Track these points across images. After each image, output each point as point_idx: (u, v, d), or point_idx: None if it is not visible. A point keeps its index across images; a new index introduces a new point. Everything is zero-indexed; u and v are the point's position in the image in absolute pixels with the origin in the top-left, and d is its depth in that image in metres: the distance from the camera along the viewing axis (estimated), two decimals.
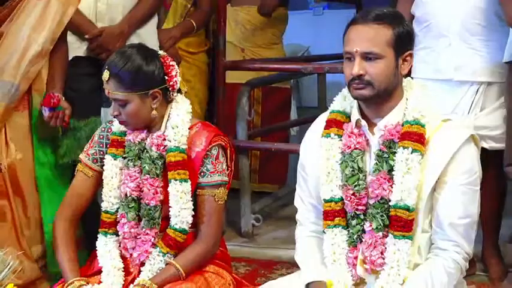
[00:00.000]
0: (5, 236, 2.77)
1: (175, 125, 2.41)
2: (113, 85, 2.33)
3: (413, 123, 2.10)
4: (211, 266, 2.49)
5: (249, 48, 4.73)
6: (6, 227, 2.80)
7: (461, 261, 2.06)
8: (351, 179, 2.14)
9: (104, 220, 2.46)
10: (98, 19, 3.16)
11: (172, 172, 2.38)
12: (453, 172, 2.07)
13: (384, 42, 2.06)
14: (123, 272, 2.41)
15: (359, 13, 2.19)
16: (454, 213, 2.06)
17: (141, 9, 3.21)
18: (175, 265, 2.36)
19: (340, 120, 2.21)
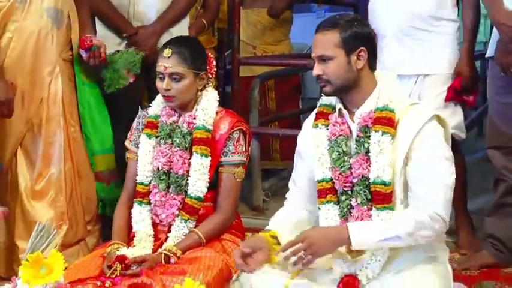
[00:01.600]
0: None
1: (205, 108, 2.48)
2: (174, 60, 2.39)
3: (382, 109, 2.14)
4: (227, 234, 2.53)
5: (259, 45, 4.72)
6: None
7: (426, 218, 2.04)
8: (337, 161, 2.19)
9: (139, 191, 2.50)
10: (135, 19, 3.17)
11: (196, 147, 2.44)
12: (418, 147, 2.10)
13: (332, 45, 2.14)
14: (153, 238, 2.44)
15: (320, 23, 2.24)
16: (422, 181, 2.08)
17: (173, 10, 3.20)
18: (197, 233, 2.41)
19: (326, 112, 2.27)
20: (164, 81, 2.41)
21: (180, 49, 2.40)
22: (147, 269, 2.24)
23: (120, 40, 3.18)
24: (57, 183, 2.85)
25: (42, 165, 2.84)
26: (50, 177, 2.84)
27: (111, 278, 2.22)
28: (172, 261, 2.31)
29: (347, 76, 2.15)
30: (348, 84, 2.16)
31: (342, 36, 2.13)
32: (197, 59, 2.45)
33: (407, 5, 2.98)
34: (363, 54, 2.15)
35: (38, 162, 2.84)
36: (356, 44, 2.14)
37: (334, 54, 2.13)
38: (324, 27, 2.17)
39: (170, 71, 2.39)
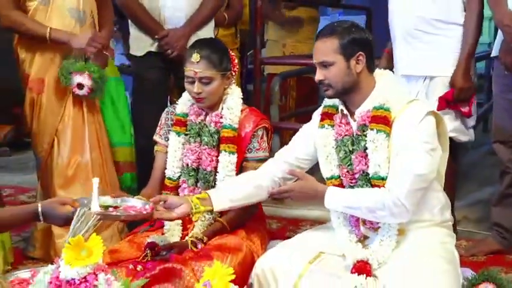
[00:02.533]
0: None
1: (231, 107, 2.46)
2: (203, 65, 2.36)
3: (378, 108, 2.13)
4: (250, 222, 2.52)
5: (289, 43, 4.69)
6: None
7: (388, 200, 2.05)
8: (344, 160, 2.21)
9: (167, 185, 2.50)
10: (166, 22, 3.17)
11: (224, 145, 2.42)
12: (409, 139, 2.08)
13: (332, 51, 2.12)
14: (181, 227, 2.44)
15: (320, 30, 2.24)
16: (396, 166, 2.09)
17: (200, 14, 3.21)
18: (222, 222, 2.41)
19: (331, 113, 2.28)
20: (194, 84, 2.39)
21: (207, 53, 2.38)
22: (176, 255, 2.24)
23: (152, 41, 3.19)
24: (85, 169, 2.87)
25: (71, 153, 2.86)
26: (78, 164, 2.87)
27: (143, 262, 2.23)
28: (199, 247, 2.31)
29: (347, 80, 2.14)
30: (349, 87, 2.16)
31: (340, 43, 2.12)
32: (223, 61, 2.43)
33: (414, 9, 2.91)
34: (362, 59, 2.15)
35: (66, 151, 2.86)
36: (354, 50, 2.13)
37: (334, 60, 2.12)
38: (323, 34, 2.17)
39: (200, 76, 2.38)
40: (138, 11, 3.17)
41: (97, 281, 1.64)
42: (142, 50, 3.20)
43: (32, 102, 2.85)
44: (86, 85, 2.73)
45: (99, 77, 2.76)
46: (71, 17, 2.81)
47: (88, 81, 2.73)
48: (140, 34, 3.21)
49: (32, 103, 2.86)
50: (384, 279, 2.02)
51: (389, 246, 2.12)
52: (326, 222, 2.55)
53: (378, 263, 2.08)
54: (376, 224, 2.16)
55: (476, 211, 3.49)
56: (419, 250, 2.11)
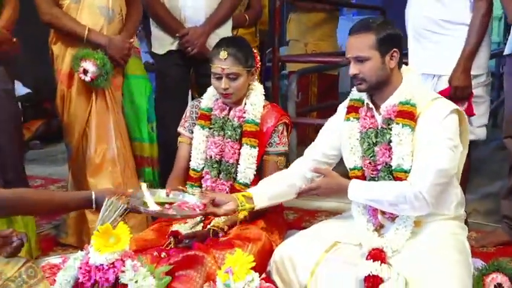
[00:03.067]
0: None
1: (254, 103, 2.47)
2: (230, 62, 2.37)
3: (404, 103, 2.12)
4: (269, 213, 2.50)
5: (311, 42, 4.69)
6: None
7: (410, 194, 2.04)
8: (367, 151, 2.19)
9: (191, 176, 2.51)
10: (186, 21, 3.17)
11: (246, 138, 2.43)
12: (433, 134, 2.07)
13: (368, 47, 2.10)
14: (203, 217, 2.44)
15: (353, 26, 2.21)
16: (419, 160, 2.07)
17: (219, 13, 3.20)
18: None
19: (357, 106, 2.26)
20: (222, 80, 2.40)
21: (233, 51, 2.38)
22: (199, 243, 2.25)
23: (173, 40, 3.19)
24: (110, 157, 2.87)
25: (97, 143, 2.87)
26: (104, 153, 2.87)
27: (167, 250, 2.24)
28: (220, 236, 2.31)
29: (381, 75, 2.13)
30: (381, 81, 2.14)
31: (377, 39, 2.10)
32: (248, 58, 2.44)
33: (422, 10, 2.86)
34: (396, 55, 2.13)
35: (93, 141, 2.87)
36: (390, 46, 2.12)
37: (370, 55, 2.10)
38: (358, 30, 2.14)
39: (227, 72, 2.38)
40: (160, 10, 3.17)
41: (124, 267, 1.65)
42: (164, 48, 3.21)
43: (62, 96, 2.87)
44: (90, 71, 2.72)
45: (102, 65, 2.74)
46: (101, 14, 2.81)
47: (92, 68, 2.71)
48: (161, 33, 3.21)
49: (62, 96, 2.87)
50: (398, 267, 2.01)
51: (404, 236, 2.11)
52: (341, 213, 2.56)
53: (392, 251, 2.07)
54: (394, 214, 2.15)
55: (486, 204, 3.45)
56: (432, 241, 2.10)
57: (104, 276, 1.63)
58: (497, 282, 2.28)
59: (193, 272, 2.14)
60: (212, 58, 2.42)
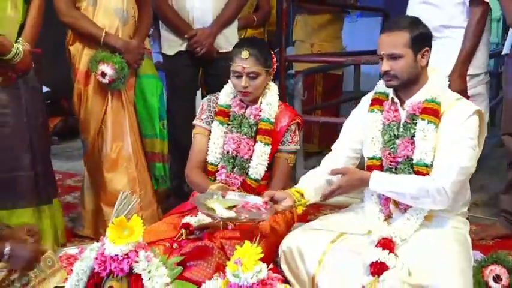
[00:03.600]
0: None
1: (270, 102, 2.46)
2: (251, 62, 2.36)
3: (430, 101, 2.11)
4: None
5: (316, 43, 4.66)
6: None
7: (432, 188, 2.03)
8: (388, 143, 2.17)
9: (209, 170, 2.50)
10: (194, 22, 3.16)
11: (260, 136, 2.43)
12: (457, 133, 2.06)
13: (402, 44, 2.08)
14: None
15: (386, 23, 2.17)
16: (443, 157, 2.06)
17: (226, 14, 3.19)
18: None
19: (381, 99, 2.24)
20: (242, 79, 2.38)
21: (254, 51, 2.37)
22: (209, 234, 2.25)
23: (181, 41, 3.17)
24: (126, 153, 2.87)
25: (112, 139, 2.87)
26: (120, 149, 2.87)
27: (178, 241, 2.24)
28: (229, 228, 2.30)
29: (412, 72, 2.12)
30: (412, 79, 2.13)
31: (411, 37, 2.09)
32: (267, 58, 2.43)
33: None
34: (427, 54, 2.13)
35: (109, 137, 2.87)
36: (422, 44, 2.11)
37: (404, 53, 2.09)
38: (392, 28, 2.12)
39: (248, 71, 2.37)
40: (169, 12, 3.16)
41: (138, 258, 1.65)
42: (173, 49, 3.20)
43: (79, 94, 2.87)
44: (108, 74, 2.72)
45: (120, 68, 2.74)
46: (116, 16, 2.81)
47: (110, 71, 2.72)
48: (171, 35, 3.20)
49: (79, 94, 2.87)
50: (403, 258, 2.01)
51: (413, 227, 2.11)
52: (343, 207, 2.55)
53: (400, 240, 2.07)
54: (406, 206, 2.15)
55: (485, 198, 3.44)
56: (436, 233, 2.11)
57: (118, 266, 1.64)
58: (495, 274, 2.28)
59: (204, 263, 2.15)
60: (233, 57, 2.40)
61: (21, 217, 2.55)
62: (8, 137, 2.52)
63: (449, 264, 1.96)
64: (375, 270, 1.97)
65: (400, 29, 2.10)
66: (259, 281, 1.48)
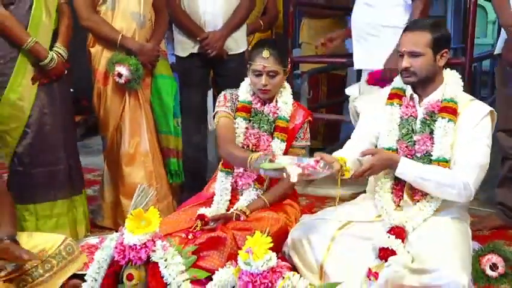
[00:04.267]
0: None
1: (285, 101, 2.46)
2: (272, 61, 2.34)
3: (449, 100, 2.11)
4: (287, 199, 2.51)
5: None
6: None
7: (459, 181, 2.03)
8: (405, 136, 2.17)
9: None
10: (206, 26, 3.15)
11: (277, 133, 2.43)
12: (475, 132, 2.07)
13: (424, 44, 2.07)
14: (228, 202, 2.44)
15: (409, 23, 2.18)
16: (466, 155, 2.07)
17: (235, 18, 3.18)
18: (263, 198, 2.40)
19: (400, 94, 2.23)
20: (262, 77, 2.36)
21: (275, 51, 2.35)
22: (222, 225, 2.24)
23: (193, 44, 3.16)
24: (143, 149, 2.88)
25: (130, 135, 2.87)
26: (137, 144, 2.88)
27: (193, 232, 2.23)
28: (241, 219, 2.30)
29: (430, 70, 2.12)
30: (429, 77, 2.13)
31: (433, 37, 2.08)
32: (286, 58, 2.41)
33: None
34: (445, 55, 2.12)
35: (127, 133, 2.87)
36: (442, 46, 2.10)
37: (424, 51, 2.08)
38: (414, 27, 2.12)
39: (268, 70, 2.35)
40: (182, 16, 3.15)
41: (155, 247, 1.65)
42: (186, 51, 3.19)
43: (99, 93, 2.88)
44: (124, 75, 2.73)
45: (135, 69, 2.75)
46: (133, 20, 2.81)
47: (126, 72, 2.73)
48: (183, 38, 3.19)
49: (99, 94, 2.88)
50: (408, 245, 2.02)
51: (424, 216, 2.11)
52: (347, 200, 2.55)
53: (412, 229, 2.07)
54: (420, 198, 2.14)
55: (482, 192, 3.41)
56: (440, 224, 2.10)
57: (136, 255, 1.64)
58: (492, 262, 2.26)
59: (217, 252, 2.15)
60: (254, 57, 2.38)
61: (60, 207, 2.70)
62: (47, 135, 2.63)
63: (450, 250, 1.95)
64: (383, 255, 1.98)
65: (423, 29, 2.10)
66: (269, 268, 1.48)
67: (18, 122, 2.57)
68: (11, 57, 2.52)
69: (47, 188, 2.65)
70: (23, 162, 2.60)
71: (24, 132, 2.58)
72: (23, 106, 2.56)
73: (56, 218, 2.68)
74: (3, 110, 2.54)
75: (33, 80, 2.57)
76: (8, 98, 2.53)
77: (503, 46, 2.79)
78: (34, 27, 2.53)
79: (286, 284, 1.46)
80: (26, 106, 2.56)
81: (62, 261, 2.09)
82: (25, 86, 2.55)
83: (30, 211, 2.64)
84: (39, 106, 2.59)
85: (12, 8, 2.49)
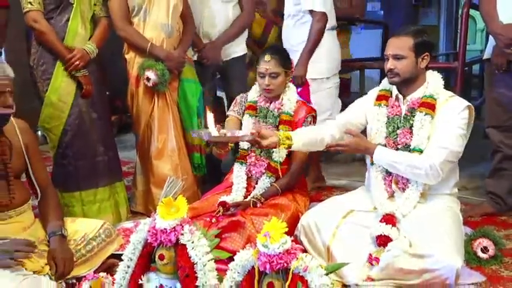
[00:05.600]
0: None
1: (289, 99, 2.46)
2: (273, 64, 2.37)
3: (428, 96, 2.10)
4: (296, 188, 2.50)
5: None
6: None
7: (425, 163, 2.01)
8: (392, 134, 2.16)
9: (241, 154, 2.51)
10: (204, 36, 3.11)
11: (282, 126, 2.43)
12: (450, 123, 2.04)
13: (406, 48, 2.07)
14: (245, 189, 2.45)
15: (396, 30, 2.15)
16: (436, 140, 2.05)
17: (232, 30, 3.11)
18: (276, 186, 2.40)
19: (386, 95, 2.22)
20: (265, 78, 2.39)
21: (276, 55, 2.39)
22: (241, 211, 2.25)
23: (193, 53, 3.11)
24: (170, 144, 2.87)
25: (159, 132, 2.87)
26: (165, 140, 2.87)
27: (216, 216, 2.25)
28: (258, 206, 2.31)
29: (412, 72, 2.10)
30: (411, 77, 2.12)
31: (414, 42, 2.07)
32: (286, 61, 2.43)
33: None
34: (426, 58, 2.10)
35: (156, 131, 2.87)
36: (423, 50, 2.09)
37: (407, 55, 2.07)
38: (400, 33, 2.11)
39: (270, 72, 2.38)
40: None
41: (183, 230, 1.65)
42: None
43: (132, 94, 2.89)
44: (152, 79, 2.73)
45: (162, 74, 2.75)
46: (161, 30, 2.80)
47: (154, 76, 2.73)
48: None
49: (132, 95, 2.89)
50: (405, 232, 2.00)
51: (412, 203, 2.09)
52: (350, 190, 2.52)
53: (402, 216, 2.05)
54: (404, 185, 2.13)
55: (473, 182, 3.37)
56: (432, 211, 2.08)
57: (167, 237, 1.63)
58: (483, 246, 2.25)
59: (237, 235, 2.16)
60: (259, 60, 2.42)
61: (102, 194, 2.74)
62: (86, 132, 2.67)
63: (444, 236, 1.93)
64: (380, 242, 1.98)
65: (407, 35, 2.09)
66: (284, 250, 1.46)
67: (58, 121, 2.60)
68: (51, 62, 2.56)
69: (89, 177, 2.68)
70: (66, 156, 2.62)
71: (64, 130, 2.61)
72: (62, 107, 2.59)
73: (98, 203, 2.71)
74: (46, 110, 2.58)
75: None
76: (49, 99, 2.57)
77: (491, 51, 2.76)
78: (71, 37, 2.58)
79: (300, 264, 1.45)
80: (66, 107, 2.59)
81: (101, 243, 2.10)
82: (64, 89, 2.58)
83: (76, 198, 2.67)
84: (77, 106, 2.61)
85: (52, 22, 2.54)
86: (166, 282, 1.66)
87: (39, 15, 2.50)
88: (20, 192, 1.97)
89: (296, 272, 1.44)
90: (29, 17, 2.50)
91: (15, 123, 2.02)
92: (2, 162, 1.92)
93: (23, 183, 2.06)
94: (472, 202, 3.06)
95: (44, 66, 2.58)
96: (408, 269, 1.88)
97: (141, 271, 1.69)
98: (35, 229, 1.99)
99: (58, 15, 2.55)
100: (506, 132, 2.81)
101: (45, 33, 2.52)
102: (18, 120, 2.06)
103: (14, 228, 1.91)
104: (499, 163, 2.86)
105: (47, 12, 2.54)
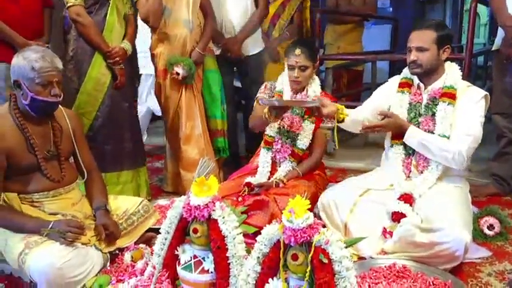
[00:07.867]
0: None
1: (314, 90, 2.44)
2: (303, 57, 2.34)
3: (449, 87, 2.07)
4: (317, 171, 2.51)
5: (342, 45, 4.52)
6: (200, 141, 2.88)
7: (454, 148, 1.99)
8: (413, 119, 2.13)
9: (267, 140, 2.49)
10: (226, 31, 3.11)
11: (307, 116, 2.42)
12: (471, 111, 2.02)
13: (429, 40, 2.03)
14: (269, 172, 2.45)
15: (417, 22, 2.12)
16: (462, 127, 2.02)
17: (249, 25, 3.12)
18: (297, 170, 2.39)
19: (408, 83, 2.19)
20: (295, 71, 2.36)
21: (305, 49, 2.35)
22: (265, 191, 2.26)
23: (216, 48, 3.11)
24: (196, 130, 2.88)
25: (186, 119, 2.87)
26: (192, 127, 2.88)
27: (242, 196, 2.26)
28: (280, 186, 2.31)
29: (434, 63, 2.07)
30: (433, 69, 2.09)
31: (438, 35, 2.04)
32: (314, 55, 2.40)
33: None
34: (448, 50, 2.07)
35: (183, 118, 2.87)
36: (445, 43, 2.06)
37: (430, 47, 2.04)
38: (422, 26, 2.07)
39: (299, 64, 2.35)
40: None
41: (215, 207, 1.66)
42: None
43: (159, 86, 2.90)
44: (181, 73, 2.74)
45: (189, 68, 2.75)
46: (184, 26, 2.79)
47: (182, 71, 2.73)
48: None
49: (159, 86, 2.90)
50: (418, 209, 1.99)
51: (429, 185, 2.07)
52: (365, 171, 2.50)
53: (419, 196, 2.03)
54: (423, 168, 2.10)
55: (478, 165, 3.32)
56: (444, 191, 2.07)
57: (200, 213, 1.65)
58: (489, 223, 2.23)
59: (262, 212, 2.17)
60: (288, 54, 2.38)
61: (125, 176, 2.72)
62: (119, 119, 2.66)
63: (454, 212, 1.92)
64: (395, 218, 1.97)
65: (429, 28, 2.05)
66: (307, 225, 1.47)
67: (92, 107, 2.59)
68: (89, 54, 2.56)
69: (115, 160, 2.66)
70: (95, 139, 2.61)
71: (96, 115, 2.60)
72: (96, 95, 2.58)
73: (121, 185, 2.70)
74: (81, 97, 2.57)
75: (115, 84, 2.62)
76: (85, 88, 2.57)
77: (500, 43, 2.70)
78: (109, 31, 2.58)
79: (322, 238, 1.45)
80: (100, 95, 2.59)
81: (140, 218, 2.13)
82: (99, 79, 2.58)
83: None
84: (110, 96, 2.60)
85: (92, 16, 2.54)
86: (199, 253, 1.68)
87: (81, 9, 2.50)
88: (69, 172, 2.01)
89: (318, 245, 1.44)
90: (72, 11, 2.50)
91: (64, 111, 2.05)
92: (54, 145, 1.95)
93: (71, 164, 2.09)
94: (476, 184, 3.01)
95: (81, 56, 2.56)
96: (420, 242, 1.88)
97: (177, 243, 1.71)
98: (82, 205, 2.03)
99: (97, 10, 2.56)
100: (510, 118, 2.76)
101: (88, 27, 2.51)
102: (66, 109, 2.09)
103: (65, 203, 1.95)
104: (504, 147, 2.82)
105: (87, 8, 2.54)
